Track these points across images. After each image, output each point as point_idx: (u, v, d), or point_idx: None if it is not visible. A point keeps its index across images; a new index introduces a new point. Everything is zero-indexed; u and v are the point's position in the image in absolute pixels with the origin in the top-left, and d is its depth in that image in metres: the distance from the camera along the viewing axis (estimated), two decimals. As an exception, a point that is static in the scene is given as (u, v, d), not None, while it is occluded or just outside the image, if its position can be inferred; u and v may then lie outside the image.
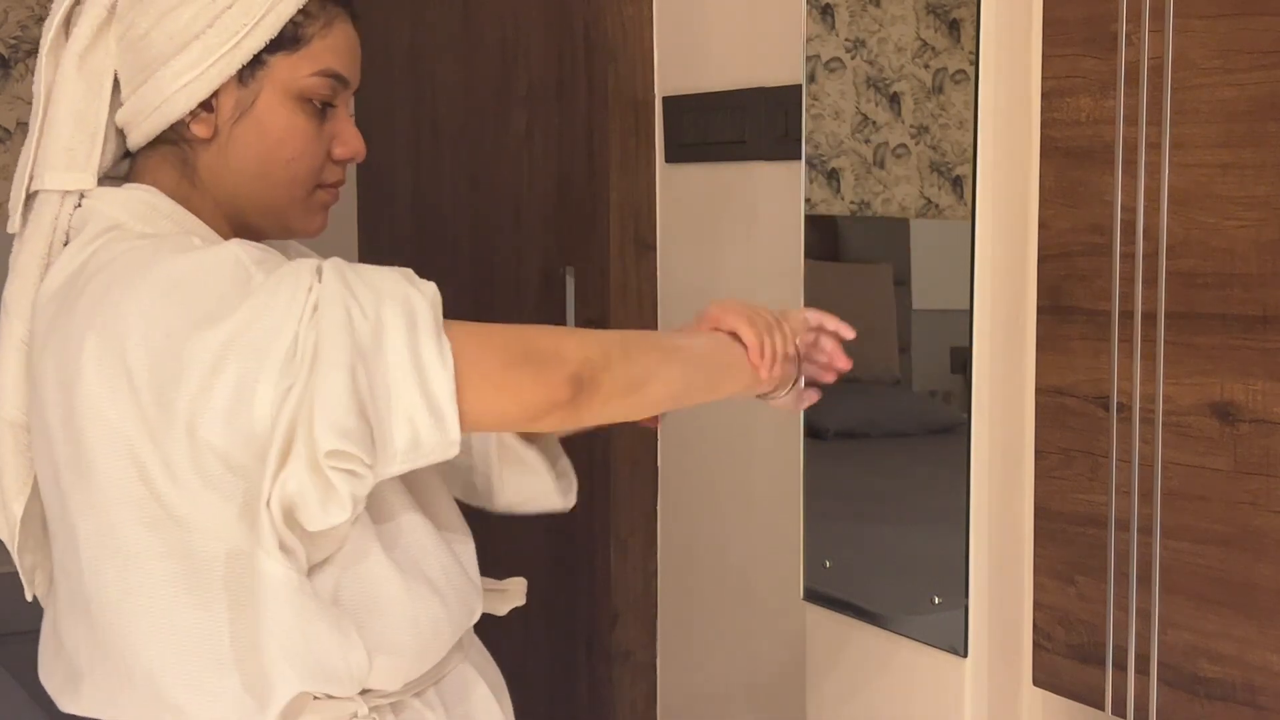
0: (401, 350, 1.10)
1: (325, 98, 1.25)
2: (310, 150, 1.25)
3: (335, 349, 1.09)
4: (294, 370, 1.09)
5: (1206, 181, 1.32)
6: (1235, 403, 1.31)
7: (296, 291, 1.10)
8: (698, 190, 2.23)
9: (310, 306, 1.10)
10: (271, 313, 1.09)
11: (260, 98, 1.22)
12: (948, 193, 1.53)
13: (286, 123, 1.23)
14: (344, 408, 1.08)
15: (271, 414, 1.09)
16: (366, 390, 1.09)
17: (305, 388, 1.09)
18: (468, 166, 2.68)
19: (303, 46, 1.23)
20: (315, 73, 1.23)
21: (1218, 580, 1.34)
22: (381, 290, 1.12)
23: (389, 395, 1.10)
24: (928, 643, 1.57)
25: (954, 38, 1.51)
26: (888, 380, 1.71)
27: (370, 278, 1.14)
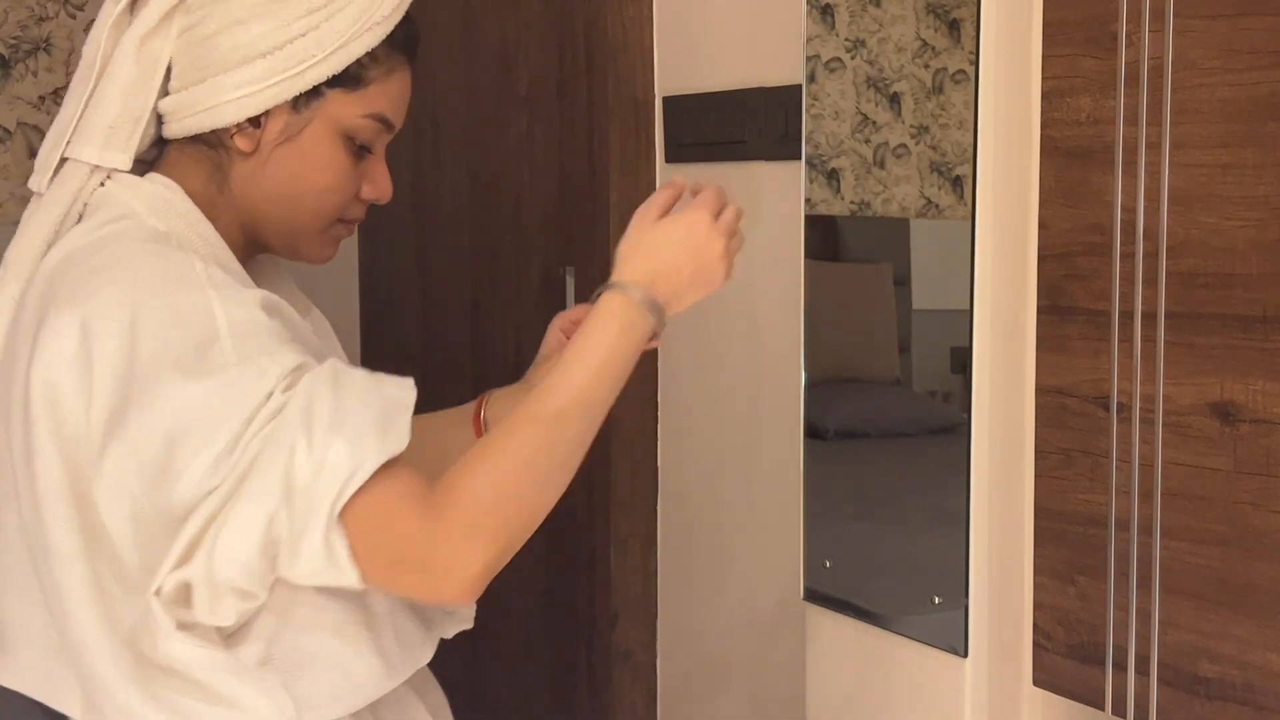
0: (325, 507, 1.05)
1: (369, 140, 1.26)
2: (343, 186, 1.26)
3: (264, 483, 1.05)
4: (223, 472, 1.06)
5: (1207, 181, 1.32)
6: (1235, 403, 1.31)
7: (259, 385, 1.07)
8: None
9: (266, 414, 1.07)
10: (227, 402, 1.06)
11: (309, 127, 1.23)
12: (948, 193, 1.53)
13: (328, 156, 1.24)
14: (252, 547, 1.06)
15: (190, 502, 1.07)
16: (284, 529, 1.06)
17: (223, 502, 1.06)
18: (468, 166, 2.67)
19: (361, 87, 1.24)
20: (367, 114, 1.24)
21: (1218, 580, 1.34)
22: (343, 428, 1.06)
23: (303, 534, 1.06)
24: (928, 643, 1.56)
25: (954, 38, 1.51)
26: (888, 380, 1.71)
27: (345, 405, 1.07)
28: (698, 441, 2.25)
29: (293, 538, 1.06)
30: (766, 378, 2.11)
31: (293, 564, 1.07)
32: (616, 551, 2.33)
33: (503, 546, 1.12)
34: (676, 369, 2.28)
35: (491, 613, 2.63)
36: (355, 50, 1.22)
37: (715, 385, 2.20)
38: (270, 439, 1.06)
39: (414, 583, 1.11)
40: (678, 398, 2.28)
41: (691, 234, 1.25)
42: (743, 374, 2.15)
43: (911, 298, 1.64)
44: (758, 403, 2.12)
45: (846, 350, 1.70)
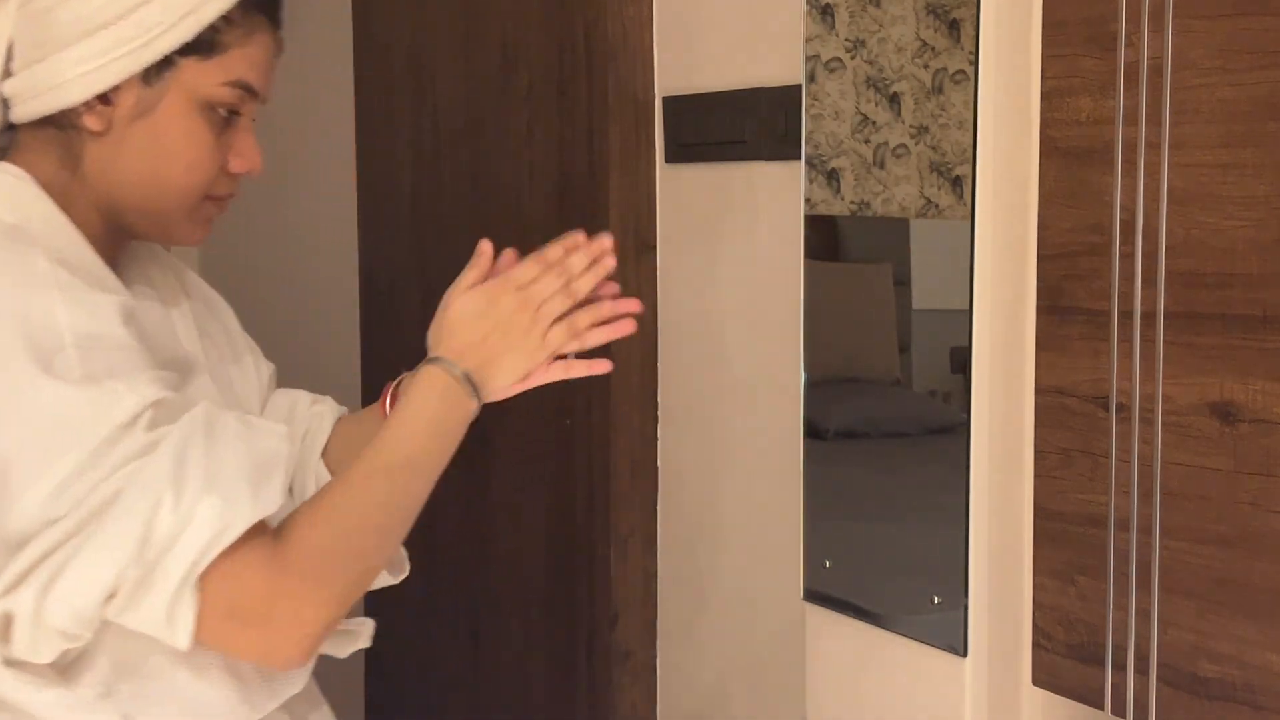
0: (182, 570, 1.00)
1: (232, 107, 1.18)
2: (206, 161, 1.18)
3: (119, 531, 1.00)
4: (66, 503, 1.00)
5: (1206, 181, 1.32)
6: (1235, 403, 1.31)
7: (111, 412, 1.01)
8: (697, 190, 2.22)
9: (125, 451, 1.01)
10: (71, 424, 1.00)
11: (164, 100, 1.14)
12: (948, 193, 1.53)
13: (187, 130, 1.16)
14: (93, 596, 1.00)
15: (24, 531, 1.00)
16: (130, 580, 1.01)
17: (65, 538, 1.00)
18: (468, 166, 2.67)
19: (217, 54, 1.15)
20: (226, 82, 1.16)
21: (1218, 580, 1.34)
22: (216, 486, 1.02)
23: (149, 590, 1.01)
24: (927, 643, 1.56)
25: (954, 38, 1.51)
26: (888, 380, 1.70)
27: (219, 459, 1.03)
28: (698, 441, 2.25)
29: (136, 590, 1.01)
30: (766, 378, 2.10)
31: (125, 614, 1.02)
32: (616, 551, 2.33)
33: (341, 603, 1.08)
34: (676, 369, 2.28)
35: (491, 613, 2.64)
36: (207, 14, 1.14)
37: (715, 385, 2.20)
38: (132, 482, 1.00)
39: (250, 640, 1.06)
40: (678, 398, 2.28)
41: (494, 306, 1.24)
42: (743, 374, 2.15)
43: (911, 298, 1.63)
44: (758, 403, 2.12)
45: (846, 350, 1.69)
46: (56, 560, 1.00)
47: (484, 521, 2.64)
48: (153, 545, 1.00)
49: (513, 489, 2.57)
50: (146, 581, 1.01)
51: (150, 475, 1.01)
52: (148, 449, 1.02)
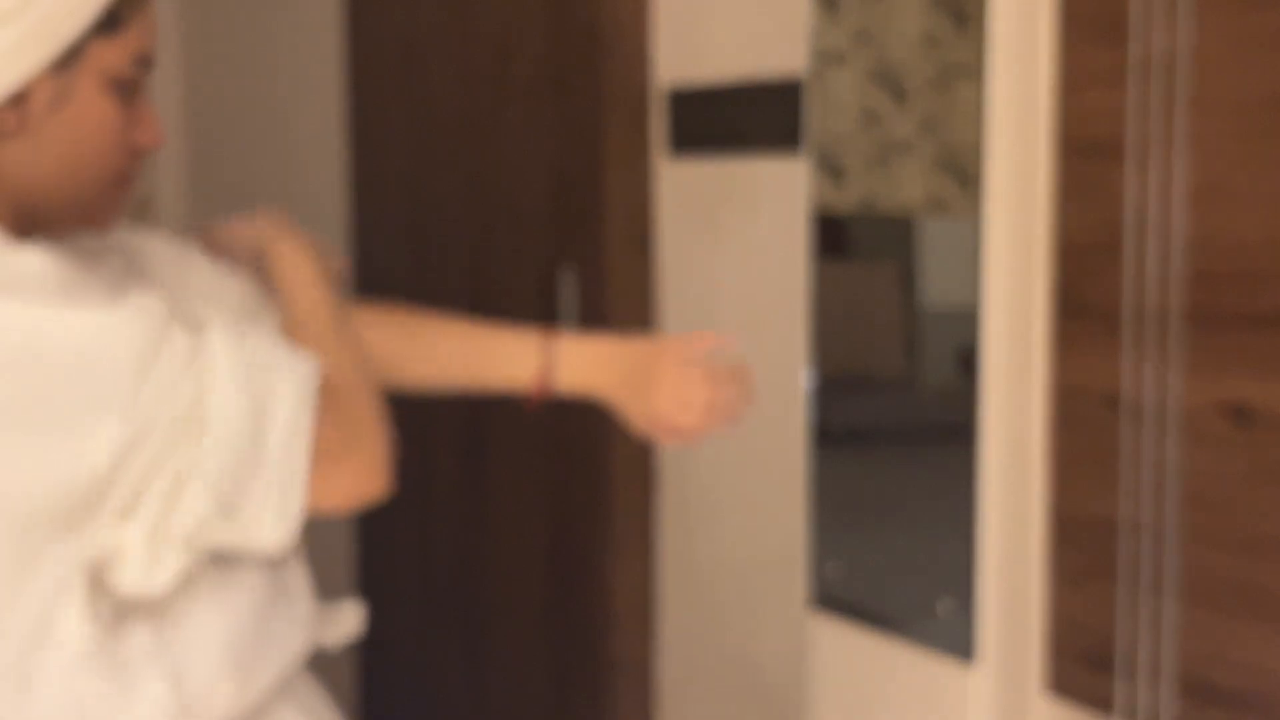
0: (283, 433, 1.07)
1: (136, 83, 1.15)
2: (120, 141, 1.16)
3: (234, 424, 1.04)
4: (137, 422, 1.02)
5: (1223, 177, 1.30)
6: (1252, 404, 1.30)
7: (139, 323, 1.03)
8: (699, 186, 2.21)
9: (176, 352, 1.03)
10: (113, 340, 1.02)
11: (78, 86, 1.11)
12: (956, 188, 1.52)
13: (101, 112, 1.13)
14: (228, 496, 1.04)
15: (110, 462, 1.02)
16: (249, 469, 1.05)
17: (174, 449, 1.03)
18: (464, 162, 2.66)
19: (121, 29, 1.12)
20: (132, 56, 1.13)
21: (1233, 586, 1.33)
22: (275, 361, 1.08)
23: (259, 467, 1.06)
24: (935, 648, 1.56)
25: (962, 29, 1.49)
26: (895, 381, 1.70)
27: (263, 344, 1.09)
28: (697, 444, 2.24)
29: (250, 476, 1.06)
30: (769, 378, 2.09)
31: (240, 500, 1.06)
32: (615, 557, 2.33)
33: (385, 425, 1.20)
34: (676, 367, 2.27)
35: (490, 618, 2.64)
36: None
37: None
38: (209, 382, 1.04)
39: (344, 475, 1.13)
40: (677, 396, 2.26)
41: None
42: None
43: (919, 296, 1.63)
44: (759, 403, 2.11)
45: (853, 350, 1.69)
46: (175, 466, 1.03)
47: (481, 529, 2.64)
48: (259, 419, 1.06)
49: (510, 495, 2.57)
50: (259, 456, 1.06)
51: (226, 369, 1.05)
52: (198, 348, 1.06)
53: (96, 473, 1.02)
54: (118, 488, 1.03)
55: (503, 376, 1.39)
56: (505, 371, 1.39)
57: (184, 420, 1.04)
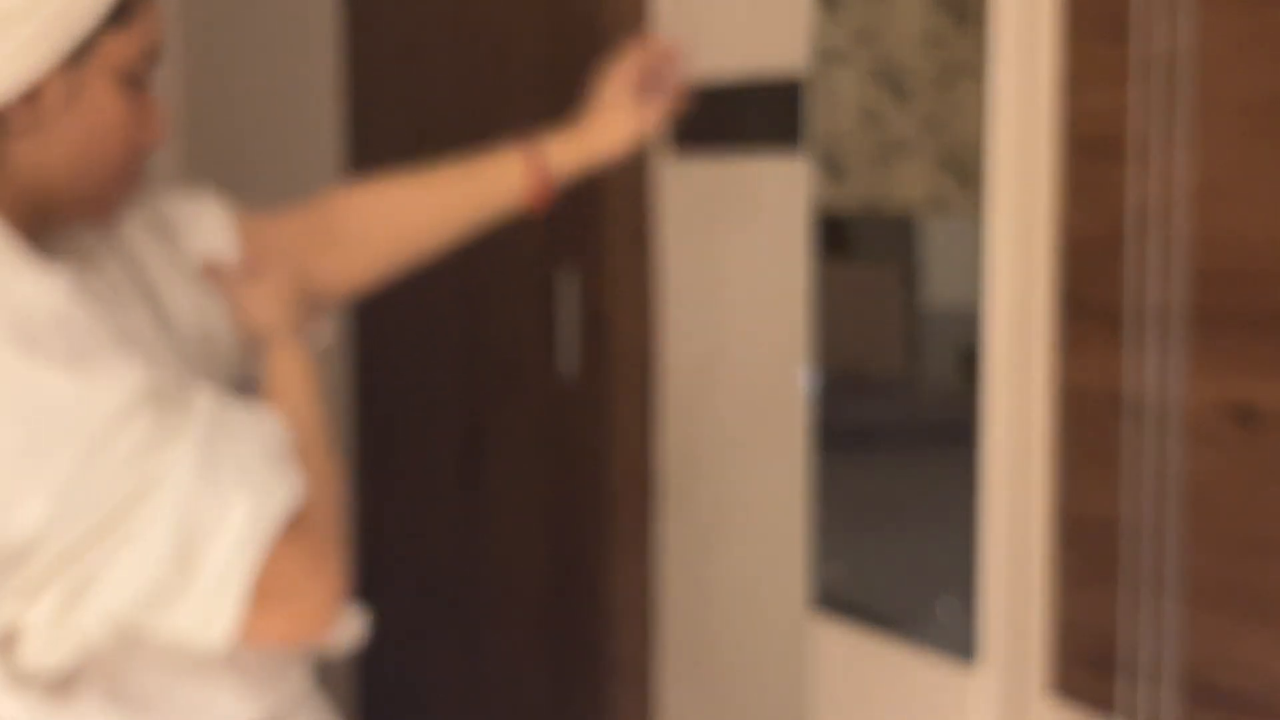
0: (224, 553, 1.00)
1: (144, 76, 1.14)
2: (128, 136, 1.14)
3: (155, 537, 0.98)
4: (75, 503, 0.97)
5: (1228, 176, 1.30)
6: (1258, 405, 1.29)
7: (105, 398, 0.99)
8: (699, 185, 2.21)
9: (133, 443, 0.98)
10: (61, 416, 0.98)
11: (90, 81, 1.10)
12: (958, 187, 1.52)
13: (115, 105, 1.12)
14: (129, 603, 0.99)
15: (29, 536, 0.97)
16: (168, 582, 1.00)
17: (95, 542, 0.98)
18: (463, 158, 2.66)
19: (132, 20, 1.11)
20: (142, 47, 1.12)
21: (1237, 587, 1.32)
22: (244, 477, 1.02)
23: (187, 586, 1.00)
24: (937, 650, 1.55)
25: (965, 27, 1.49)
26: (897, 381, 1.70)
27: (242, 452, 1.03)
28: (697, 445, 2.24)
29: (174, 591, 1.00)
30: (769, 377, 2.09)
31: (159, 615, 1.01)
32: (614, 557, 2.33)
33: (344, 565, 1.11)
34: (676, 368, 2.27)
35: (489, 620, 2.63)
36: None
37: (716, 384, 2.19)
38: (159, 480, 0.99)
39: (284, 620, 1.06)
40: (677, 399, 2.27)
41: None
42: (744, 374, 2.14)
43: (921, 296, 1.63)
44: (760, 404, 2.11)
45: (854, 350, 1.68)
46: (86, 564, 0.98)
47: (480, 531, 2.64)
48: (193, 544, 0.99)
49: (510, 496, 2.57)
50: (185, 581, 1.00)
51: (181, 473, 0.99)
52: (159, 443, 1.00)
53: (11, 544, 0.98)
54: (30, 565, 0.98)
55: (503, 190, 1.47)
56: (503, 184, 1.47)
57: (116, 514, 0.98)
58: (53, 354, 1.00)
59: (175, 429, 1.01)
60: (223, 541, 1.00)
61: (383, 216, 1.40)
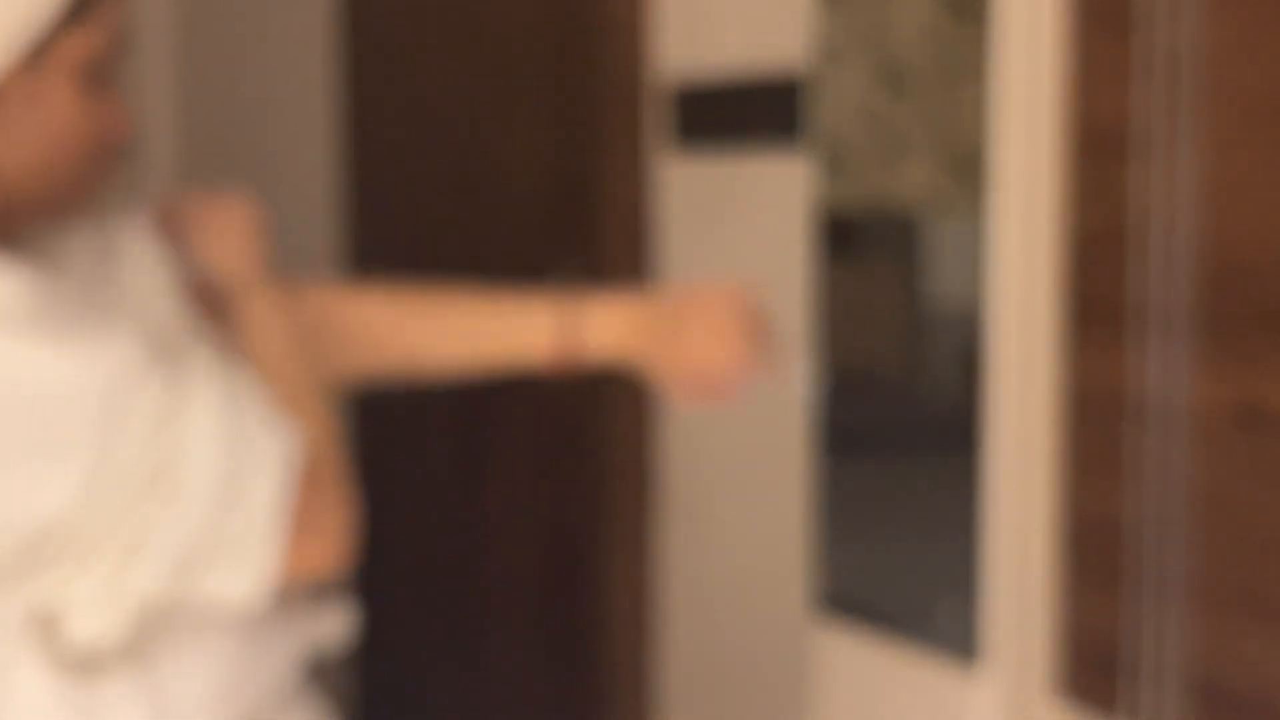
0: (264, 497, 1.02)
1: (109, 70, 1.10)
2: (90, 133, 1.10)
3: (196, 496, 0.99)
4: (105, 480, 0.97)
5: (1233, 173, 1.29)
6: (1262, 405, 1.29)
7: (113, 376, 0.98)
8: (700, 183, 2.21)
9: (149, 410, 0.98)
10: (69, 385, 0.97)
11: (49, 80, 1.07)
12: (960, 186, 1.51)
13: (74, 106, 1.08)
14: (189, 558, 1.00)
15: (63, 513, 0.97)
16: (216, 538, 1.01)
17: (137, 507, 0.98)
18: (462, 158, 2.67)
19: (90, 16, 1.07)
20: (105, 40, 1.08)
21: (1243, 588, 1.32)
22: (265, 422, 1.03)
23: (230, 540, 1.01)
24: (941, 651, 1.55)
25: (966, 24, 1.49)
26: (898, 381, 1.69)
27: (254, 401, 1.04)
28: (697, 446, 2.23)
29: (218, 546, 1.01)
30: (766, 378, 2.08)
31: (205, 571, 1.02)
32: (613, 559, 2.33)
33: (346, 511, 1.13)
34: (675, 366, 2.27)
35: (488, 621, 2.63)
36: None
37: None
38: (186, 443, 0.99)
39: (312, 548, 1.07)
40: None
41: None
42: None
43: (923, 295, 1.63)
44: (760, 405, 2.10)
45: (856, 351, 1.68)
46: (132, 529, 0.99)
47: (480, 532, 2.64)
48: (231, 494, 1.01)
49: (509, 497, 2.57)
50: (229, 531, 1.01)
51: (207, 426, 1.00)
52: (177, 400, 1.00)
53: (47, 521, 0.98)
54: (73, 539, 0.99)
55: (520, 348, 1.26)
56: (524, 340, 1.26)
57: (151, 480, 0.99)
58: (43, 341, 0.99)
59: (189, 384, 1.02)
60: (258, 486, 1.01)
61: (384, 334, 1.33)
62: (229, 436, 1.01)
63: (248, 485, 1.01)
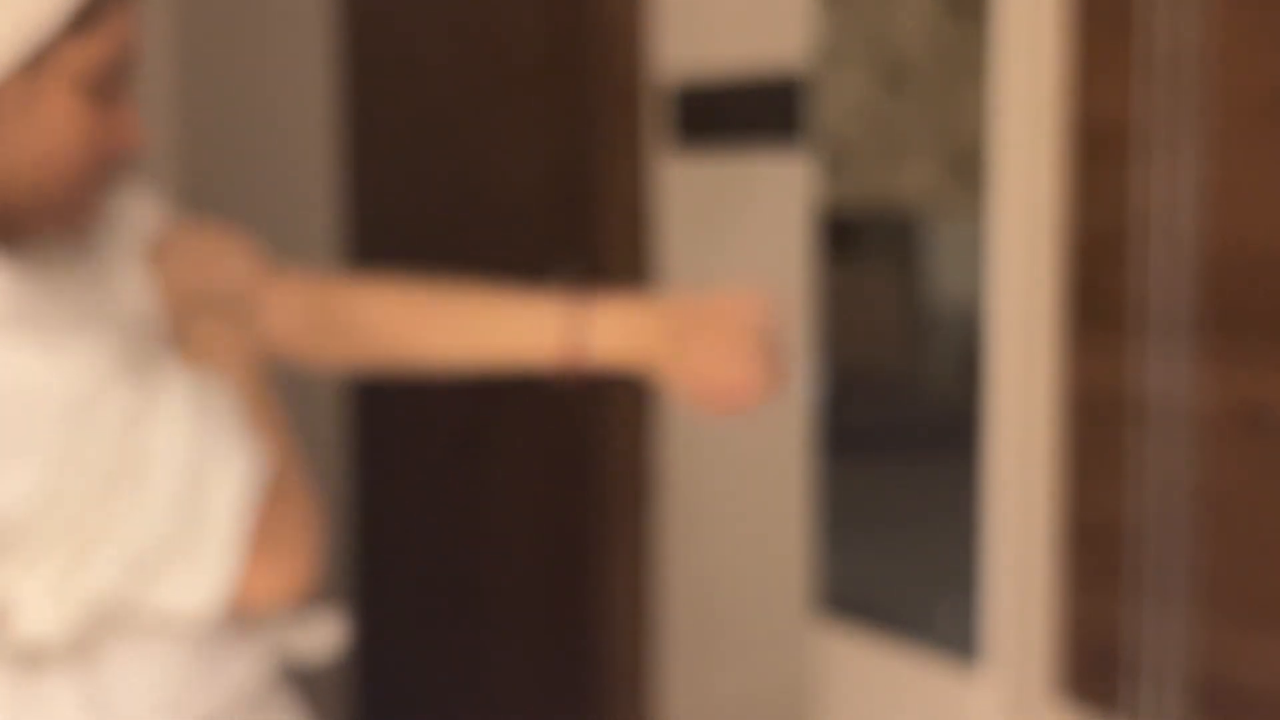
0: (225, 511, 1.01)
1: (117, 82, 1.10)
2: (92, 143, 1.10)
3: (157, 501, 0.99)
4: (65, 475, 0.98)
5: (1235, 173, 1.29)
6: (1265, 406, 1.29)
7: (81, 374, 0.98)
8: (700, 182, 2.21)
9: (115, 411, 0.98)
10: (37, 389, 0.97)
11: (46, 90, 1.06)
12: (961, 186, 1.51)
13: (73, 115, 1.07)
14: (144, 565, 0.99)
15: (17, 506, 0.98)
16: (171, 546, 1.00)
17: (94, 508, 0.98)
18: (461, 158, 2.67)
19: (96, 28, 1.07)
20: (110, 52, 1.07)
21: (1245, 588, 1.32)
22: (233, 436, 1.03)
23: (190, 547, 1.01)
24: (943, 651, 1.55)
25: (967, 24, 1.49)
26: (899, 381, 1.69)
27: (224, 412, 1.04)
28: (697, 446, 2.23)
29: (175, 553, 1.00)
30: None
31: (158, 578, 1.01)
32: (615, 559, 2.33)
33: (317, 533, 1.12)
34: (675, 366, 2.26)
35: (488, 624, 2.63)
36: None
37: (715, 383, 2.18)
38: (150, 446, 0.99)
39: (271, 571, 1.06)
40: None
41: None
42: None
43: (924, 295, 1.63)
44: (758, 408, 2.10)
45: (858, 350, 1.68)
46: (87, 531, 0.99)
47: (480, 530, 2.64)
48: (192, 504, 1.00)
49: (510, 496, 2.57)
50: (186, 541, 1.01)
51: (174, 434, 1.00)
52: (145, 406, 1.00)
53: (4, 514, 0.98)
54: (28, 534, 0.98)
55: (524, 347, 1.24)
56: (527, 341, 1.24)
57: (112, 481, 0.99)
58: (18, 340, 0.99)
59: (157, 392, 1.02)
60: (220, 499, 1.01)
61: (388, 327, 1.32)
62: (193, 445, 1.00)
63: (209, 495, 1.00)
